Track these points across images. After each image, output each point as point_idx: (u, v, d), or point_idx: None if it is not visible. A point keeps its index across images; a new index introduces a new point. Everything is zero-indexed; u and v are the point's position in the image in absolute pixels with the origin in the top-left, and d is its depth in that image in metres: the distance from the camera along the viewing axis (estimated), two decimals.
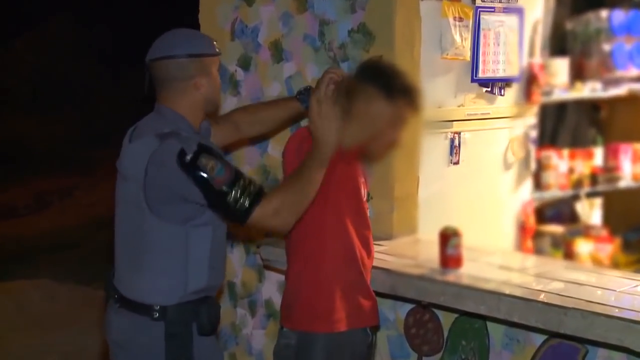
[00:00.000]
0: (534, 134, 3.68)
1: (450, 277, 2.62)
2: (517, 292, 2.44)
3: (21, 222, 8.59)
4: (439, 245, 2.69)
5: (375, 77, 2.45)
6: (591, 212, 4.43)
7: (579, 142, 4.37)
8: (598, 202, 4.43)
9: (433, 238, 2.80)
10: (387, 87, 2.43)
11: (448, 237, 2.66)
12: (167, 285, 2.21)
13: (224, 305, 3.44)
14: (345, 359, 2.45)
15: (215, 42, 2.34)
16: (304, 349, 2.42)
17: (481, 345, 2.71)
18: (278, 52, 3.21)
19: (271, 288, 3.30)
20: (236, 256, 3.40)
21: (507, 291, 2.46)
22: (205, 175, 2.11)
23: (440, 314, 2.80)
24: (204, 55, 2.27)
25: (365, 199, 2.54)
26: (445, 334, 2.81)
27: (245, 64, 3.31)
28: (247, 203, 2.12)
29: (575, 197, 4.28)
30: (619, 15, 4.17)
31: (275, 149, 3.27)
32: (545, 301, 2.37)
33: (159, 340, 2.21)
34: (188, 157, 2.11)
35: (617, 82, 4.14)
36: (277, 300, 3.28)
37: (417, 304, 2.81)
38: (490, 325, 2.67)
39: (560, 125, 4.35)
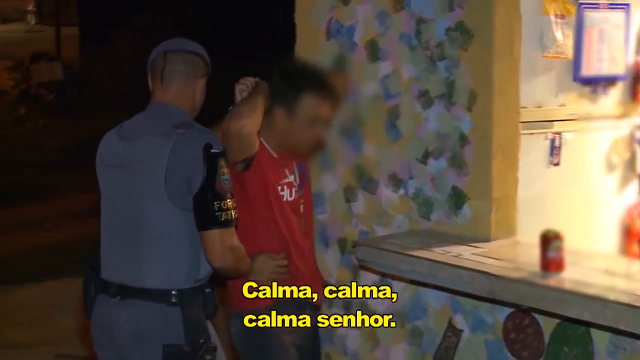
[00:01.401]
0: None
1: (552, 281, 2.53)
2: (624, 299, 2.34)
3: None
4: (540, 248, 2.60)
5: (288, 79, 2.68)
6: None
7: None
8: None
9: (533, 241, 2.71)
10: (298, 86, 2.66)
11: (549, 240, 2.57)
12: (184, 270, 2.32)
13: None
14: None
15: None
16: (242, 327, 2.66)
17: (584, 352, 2.62)
18: (374, 52, 3.17)
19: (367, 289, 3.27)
20: (330, 255, 3.38)
21: (612, 297, 2.35)
22: (216, 174, 2.27)
23: (540, 319, 2.71)
24: (208, 66, 2.50)
25: (291, 197, 2.76)
26: (546, 339, 2.72)
27: (340, 63, 3.30)
28: (223, 218, 2.28)
29: None
30: None
31: (370, 148, 3.24)
32: None
33: (177, 324, 2.29)
34: (214, 151, 2.29)
35: None
36: (372, 301, 3.25)
37: (517, 308, 2.74)
38: (594, 332, 2.57)
39: None
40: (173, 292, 2.30)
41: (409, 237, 3.02)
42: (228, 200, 2.29)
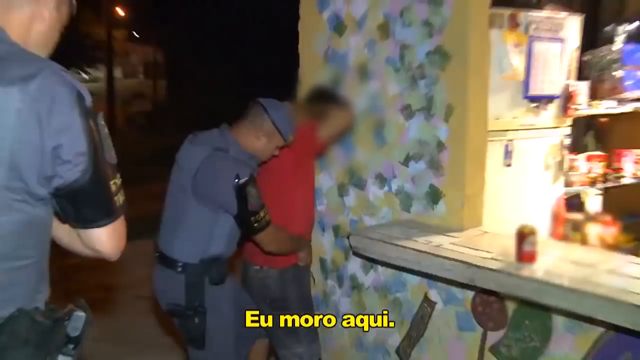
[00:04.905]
0: (567, 141, 2.79)
1: (526, 271, 1.79)
2: (603, 291, 1.59)
3: None
4: (516, 242, 1.85)
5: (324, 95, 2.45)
6: (593, 203, 3.50)
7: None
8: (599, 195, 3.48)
9: (496, 230, 2.03)
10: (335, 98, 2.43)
11: (525, 235, 1.83)
12: (194, 249, 2.06)
13: (317, 277, 2.68)
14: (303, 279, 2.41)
15: (290, 134, 2.11)
16: (283, 277, 2.33)
17: (544, 326, 1.89)
18: (364, 73, 2.41)
19: (355, 266, 2.52)
20: (327, 238, 2.63)
21: (590, 290, 1.61)
22: (246, 197, 1.98)
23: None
24: (279, 132, 2.09)
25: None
26: (510, 313, 1.99)
27: (336, 82, 2.52)
28: (260, 225, 2.04)
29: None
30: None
31: (360, 152, 2.47)
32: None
33: (180, 288, 2.06)
34: (241, 181, 1.96)
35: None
36: (360, 275, 2.51)
37: (485, 291, 1.99)
38: (554, 314, 1.83)
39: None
40: (180, 263, 2.04)
41: (393, 227, 2.29)
42: (261, 212, 2.01)
